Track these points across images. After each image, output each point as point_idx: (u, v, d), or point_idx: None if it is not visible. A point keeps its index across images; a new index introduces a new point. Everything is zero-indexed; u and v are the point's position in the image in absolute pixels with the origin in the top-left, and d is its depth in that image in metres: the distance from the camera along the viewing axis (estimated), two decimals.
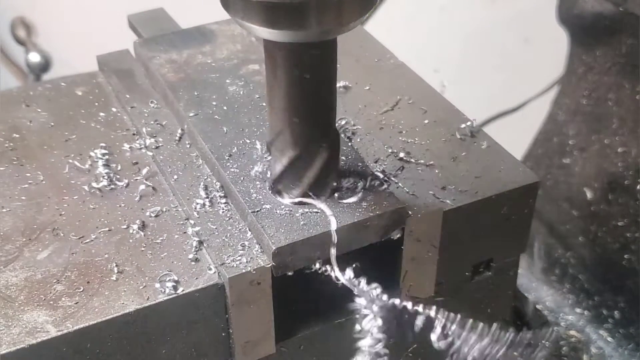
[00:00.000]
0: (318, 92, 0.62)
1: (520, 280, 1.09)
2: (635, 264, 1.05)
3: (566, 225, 1.15)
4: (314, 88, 0.62)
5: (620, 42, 1.05)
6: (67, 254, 0.64)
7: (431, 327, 0.62)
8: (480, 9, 1.93)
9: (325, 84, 0.63)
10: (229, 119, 0.76)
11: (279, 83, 0.61)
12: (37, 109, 0.81)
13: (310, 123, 0.63)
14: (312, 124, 0.64)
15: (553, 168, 1.18)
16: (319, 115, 0.64)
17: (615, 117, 1.07)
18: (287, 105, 0.62)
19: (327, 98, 0.64)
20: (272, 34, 0.57)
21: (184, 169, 0.72)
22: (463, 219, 0.70)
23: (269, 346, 0.67)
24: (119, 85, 0.83)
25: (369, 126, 0.78)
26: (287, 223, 0.64)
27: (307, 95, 0.62)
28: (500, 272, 0.76)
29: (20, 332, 0.58)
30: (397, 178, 0.71)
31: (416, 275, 0.71)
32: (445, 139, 0.76)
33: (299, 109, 0.62)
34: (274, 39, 0.58)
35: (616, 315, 1.08)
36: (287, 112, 0.63)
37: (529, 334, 0.61)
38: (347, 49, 0.88)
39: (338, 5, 0.56)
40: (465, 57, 1.98)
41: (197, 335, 0.63)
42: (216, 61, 0.84)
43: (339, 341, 0.72)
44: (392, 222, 0.65)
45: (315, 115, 0.63)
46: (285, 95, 0.61)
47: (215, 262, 0.63)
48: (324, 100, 0.64)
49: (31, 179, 0.72)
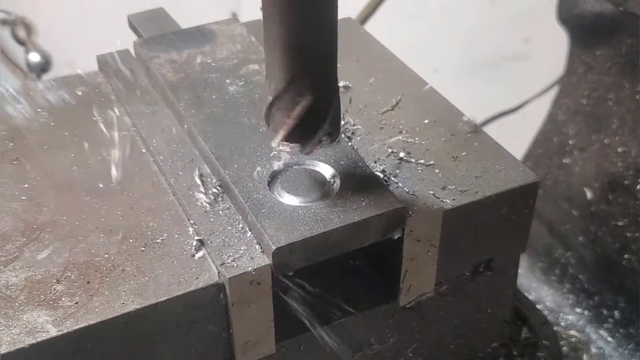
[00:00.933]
0: (324, 36, 0.61)
1: (520, 280, 1.09)
2: (635, 264, 1.05)
3: (566, 225, 1.15)
4: (320, 31, 0.60)
5: (620, 42, 1.05)
6: (67, 253, 0.64)
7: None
8: (480, 9, 1.93)
9: (330, 25, 0.61)
10: (229, 119, 0.76)
11: (282, 31, 0.59)
12: (37, 109, 0.81)
13: (321, 70, 0.62)
14: (322, 71, 0.62)
15: (553, 168, 1.18)
16: (327, 61, 0.62)
17: (615, 117, 1.07)
18: (294, 54, 0.60)
19: (333, 42, 0.62)
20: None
21: (184, 169, 0.72)
22: (463, 219, 0.70)
23: (269, 346, 0.67)
24: (119, 86, 0.83)
25: (369, 126, 0.78)
26: (287, 223, 0.63)
27: (315, 40, 0.60)
28: (500, 272, 0.76)
29: (21, 332, 0.58)
30: (397, 178, 0.71)
31: (416, 275, 0.71)
32: (445, 139, 0.76)
33: (307, 55, 0.60)
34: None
35: (616, 315, 1.08)
36: (294, 61, 0.61)
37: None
38: (347, 49, 0.88)
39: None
40: (465, 57, 1.98)
41: (197, 335, 0.63)
42: (216, 61, 0.84)
43: (339, 341, 0.72)
44: (392, 222, 0.65)
45: (324, 61, 0.62)
46: (291, 42, 0.59)
47: (215, 262, 0.63)
48: (331, 45, 0.62)
49: (31, 179, 0.72)
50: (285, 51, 0.60)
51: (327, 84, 0.63)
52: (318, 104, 0.62)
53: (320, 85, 0.62)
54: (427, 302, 0.74)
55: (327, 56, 0.62)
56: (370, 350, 0.74)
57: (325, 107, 0.63)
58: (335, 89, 0.64)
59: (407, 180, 0.71)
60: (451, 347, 0.79)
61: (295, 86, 0.61)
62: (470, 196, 0.70)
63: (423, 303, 0.73)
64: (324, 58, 0.62)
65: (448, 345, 0.79)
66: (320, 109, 0.63)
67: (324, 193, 0.67)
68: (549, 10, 1.17)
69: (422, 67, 0.90)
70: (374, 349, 0.74)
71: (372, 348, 0.74)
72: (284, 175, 0.69)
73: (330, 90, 0.63)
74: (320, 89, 0.62)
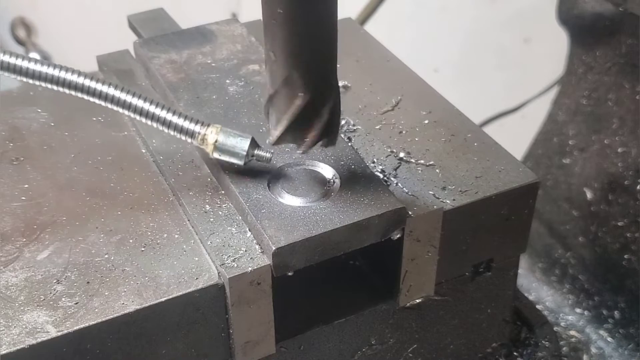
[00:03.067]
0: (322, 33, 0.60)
1: (520, 280, 1.09)
2: (635, 264, 1.05)
3: (566, 225, 1.15)
4: (318, 29, 0.60)
5: (620, 42, 1.05)
6: (67, 254, 0.64)
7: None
8: (480, 9, 1.93)
9: (329, 24, 0.60)
10: (229, 119, 0.75)
11: (279, 29, 0.58)
12: (37, 109, 0.81)
13: (316, 68, 0.61)
14: (317, 69, 0.61)
15: (553, 168, 1.18)
16: (324, 59, 0.62)
17: (615, 117, 1.07)
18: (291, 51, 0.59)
19: (331, 40, 0.61)
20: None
21: (183, 169, 0.72)
22: (463, 219, 0.70)
23: (269, 346, 0.67)
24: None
25: (369, 126, 0.78)
26: (287, 223, 0.63)
27: (312, 37, 0.60)
28: (501, 272, 0.77)
29: (21, 333, 0.58)
30: (397, 178, 0.71)
31: (416, 276, 0.71)
32: (445, 139, 0.76)
33: (303, 52, 0.60)
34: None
35: (616, 316, 1.08)
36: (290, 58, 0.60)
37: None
38: (347, 49, 0.88)
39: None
40: (465, 57, 1.98)
41: (197, 335, 0.63)
42: (216, 61, 0.84)
43: (339, 341, 0.72)
44: (392, 223, 0.65)
45: (320, 59, 0.61)
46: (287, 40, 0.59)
47: (215, 263, 0.63)
48: (328, 43, 0.61)
49: (31, 179, 0.72)
50: (281, 50, 0.60)
51: (323, 84, 0.62)
52: (314, 104, 0.62)
53: (316, 85, 0.61)
54: (427, 302, 0.74)
55: (324, 56, 0.62)
56: (370, 351, 0.74)
57: (321, 107, 0.62)
58: (332, 88, 0.63)
59: (407, 180, 0.71)
60: (451, 348, 0.79)
61: (290, 85, 0.61)
62: (470, 196, 0.70)
63: (423, 303, 0.73)
64: (320, 57, 0.61)
65: (448, 345, 0.79)
66: (315, 109, 0.62)
67: (324, 193, 0.67)
68: (549, 10, 1.17)
69: (422, 67, 0.90)
70: (374, 349, 0.74)
71: (372, 348, 0.74)
72: (284, 176, 0.69)
73: (326, 90, 0.63)
74: (316, 88, 0.61)
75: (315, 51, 0.60)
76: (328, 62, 0.62)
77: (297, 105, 0.61)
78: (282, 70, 0.60)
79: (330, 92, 0.63)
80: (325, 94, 0.63)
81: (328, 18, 0.60)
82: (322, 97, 0.62)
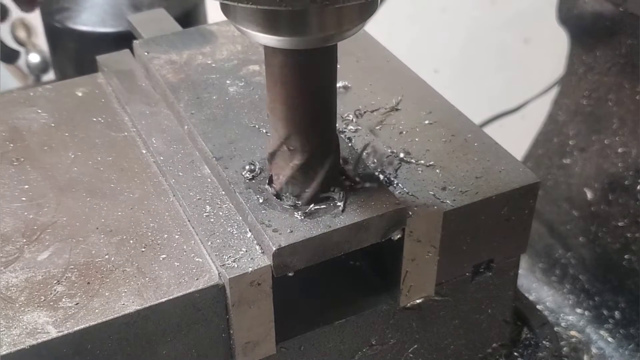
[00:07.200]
0: (320, 98, 0.63)
1: (520, 280, 1.09)
2: (635, 265, 1.05)
3: (566, 225, 1.15)
4: (315, 94, 0.62)
5: (620, 42, 1.05)
6: (67, 254, 0.64)
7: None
8: (480, 9, 1.93)
9: (327, 89, 0.63)
10: (229, 120, 0.76)
11: (279, 91, 0.61)
12: (37, 109, 0.81)
13: (313, 130, 0.63)
14: (314, 131, 0.63)
15: (553, 168, 1.18)
16: (321, 121, 0.64)
17: (615, 118, 1.07)
18: (289, 113, 0.62)
19: (328, 103, 0.64)
20: (273, 40, 0.57)
21: (184, 169, 0.72)
22: (463, 220, 0.70)
23: (269, 347, 0.67)
24: (119, 86, 0.83)
25: (369, 126, 0.78)
26: (287, 223, 0.64)
27: (309, 102, 0.62)
28: (501, 273, 0.76)
29: (21, 333, 0.58)
30: (397, 178, 0.71)
31: (416, 276, 0.71)
32: (445, 139, 0.76)
33: (301, 116, 0.62)
34: (274, 45, 0.58)
35: (617, 316, 1.08)
36: (289, 120, 0.63)
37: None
38: (347, 49, 0.88)
39: (339, 12, 0.56)
40: (465, 57, 1.99)
41: (197, 336, 0.63)
42: (216, 62, 0.84)
43: (340, 342, 0.72)
44: (392, 223, 0.65)
45: (317, 121, 0.63)
46: (286, 102, 0.62)
47: (216, 263, 0.63)
48: (326, 106, 0.64)
49: (31, 180, 0.72)
50: (279, 110, 0.62)
51: (322, 143, 0.64)
52: (312, 162, 0.64)
53: (314, 145, 0.64)
54: (427, 302, 0.74)
55: (322, 117, 0.64)
56: (370, 351, 0.74)
57: (319, 165, 0.64)
58: (331, 146, 0.65)
59: (407, 180, 0.71)
60: (451, 348, 0.79)
61: (288, 145, 0.64)
62: (471, 197, 0.70)
63: (423, 303, 0.73)
64: (319, 119, 0.63)
65: (448, 345, 0.79)
66: (314, 167, 0.64)
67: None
68: (549, 11, 1.17)
69: (422, 67, 0.90)
70: (374, 350, 0.74)
71: (373, 348, 0.74)
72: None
73: (325, 149, 0.65)
74: (315, 148, 0.64)
75: (313, 113, 0.63)
76: (327, 123, 0.64)
77: (295, 164, 0.64)
78: (281, 130, 0.63)
79: (329, 150, 0.65)
80: (324, 152, 0.65)
81: (328, 84, 0.63)
82: (320, 156, 0.64)
